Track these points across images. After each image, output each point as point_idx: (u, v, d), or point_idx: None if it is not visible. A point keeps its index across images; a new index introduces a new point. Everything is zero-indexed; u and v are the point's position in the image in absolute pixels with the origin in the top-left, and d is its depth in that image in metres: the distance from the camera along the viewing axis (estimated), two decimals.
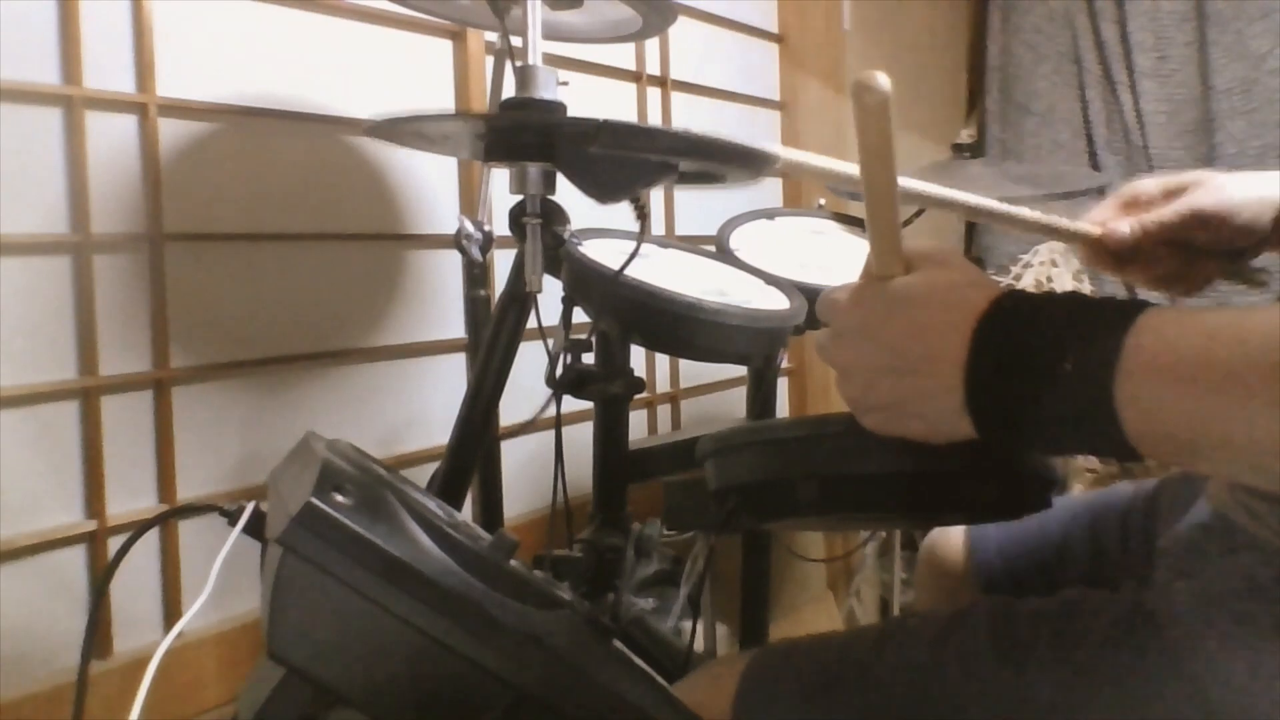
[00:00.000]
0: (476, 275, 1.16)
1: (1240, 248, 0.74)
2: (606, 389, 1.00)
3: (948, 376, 0.48)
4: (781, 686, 0.64)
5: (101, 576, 1.00)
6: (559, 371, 0.97)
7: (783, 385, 2.01)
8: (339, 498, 0.48)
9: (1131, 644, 0.57)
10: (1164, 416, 0.43)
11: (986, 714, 0.58)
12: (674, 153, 0.81)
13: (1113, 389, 0.43)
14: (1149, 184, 0.75)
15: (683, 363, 1.77)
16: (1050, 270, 2.12)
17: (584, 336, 1.00)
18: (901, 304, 0.50)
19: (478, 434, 1.03)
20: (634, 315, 0.93)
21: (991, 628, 0.61)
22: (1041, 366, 0.45)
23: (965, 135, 1.51)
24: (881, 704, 0.61)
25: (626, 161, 0.80)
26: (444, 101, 1.36)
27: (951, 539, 0.91)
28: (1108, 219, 0.75)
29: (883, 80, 0.46)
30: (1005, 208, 0.72)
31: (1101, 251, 0.76)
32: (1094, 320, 0.46)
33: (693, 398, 1.80)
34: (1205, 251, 0.75)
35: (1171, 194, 0.74)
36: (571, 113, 0.93)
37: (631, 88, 1.67)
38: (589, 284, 0.94)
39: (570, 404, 0.98)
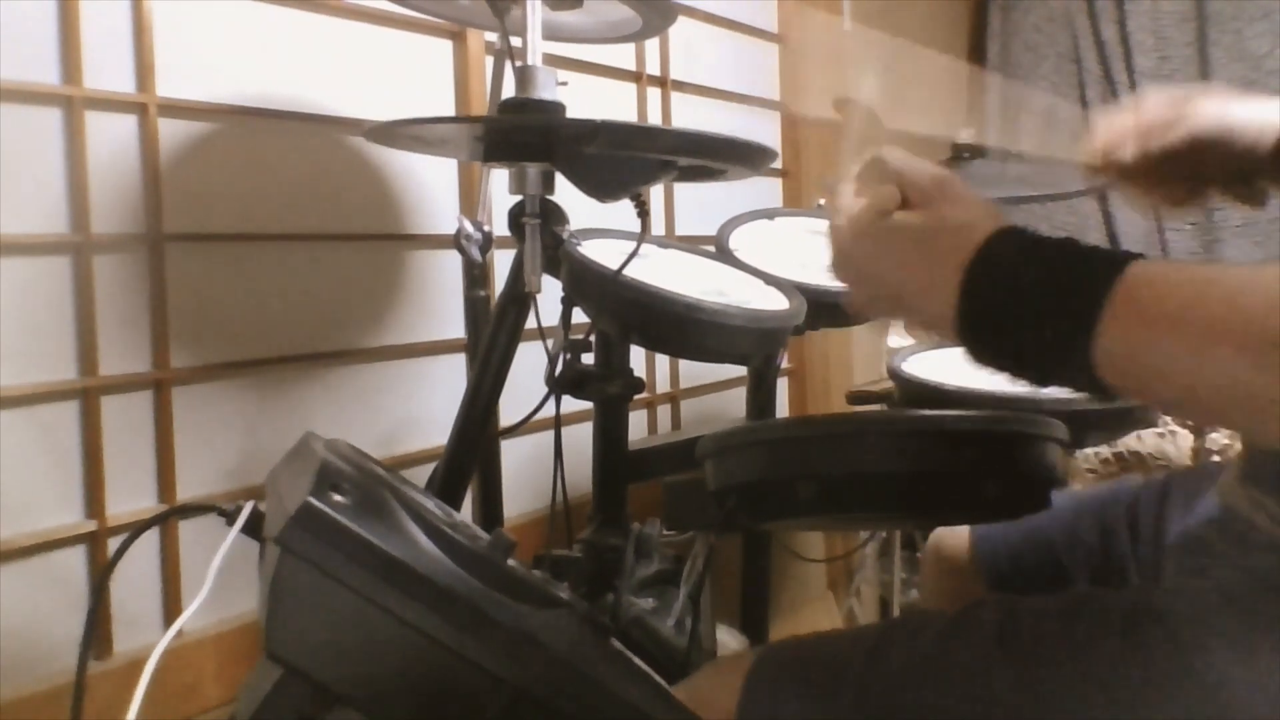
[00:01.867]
0: (476, 275, 1.16)
1: (1240, 168, 0.74)
2: (606, 389, 1.00)
3: (940, 313, 0.51)
4: (787, 685, 0.64)
5: (100, 575, 1.00)
6: (559, 371, 0.97)
7: (783, 385, 2.01)
8: (337, 497, 0.48)
9: (1139, 643, 0.57)
10: (1138, 359, 0.46)
11: (993, 712, 0.58)
12: (672, 152, 0.81)
13: (1095, 328, 0.46)
14: (1156, 103, 0.75)
15: (682, 363, 1.77)
16: None
17: (583, 336, 1.00)
18: (894, 242, 0.54)
19: (477, 434, 1.03)
20: (633, 315, 0.93)
21: (998, 625, 0.61)
22: (1033, 296, 0.48)
23: (965, 135, 1.51)
24: (887, 702, 0.61)
25: (625, 161, 0.80)
26: (444, 102, 1.36)
27: (957, 536, 0.91)
28: (1111, 140, 0.75)
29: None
30: (1006, 142, 0.73)
31: (1103, 170, 0.76)
32: (1086, 262, 0.48)
33: (693, 398, 1.80)
34: (1205, 169, 0.75)
35: (1174, 114, 0.74)
36: (571, 113, 0.93)
37: (631, 88, 1.67)
38: (588, 284, 0.94)
39: (570, 404, 0.98)
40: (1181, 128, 0.73)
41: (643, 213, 0.90)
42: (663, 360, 1.71)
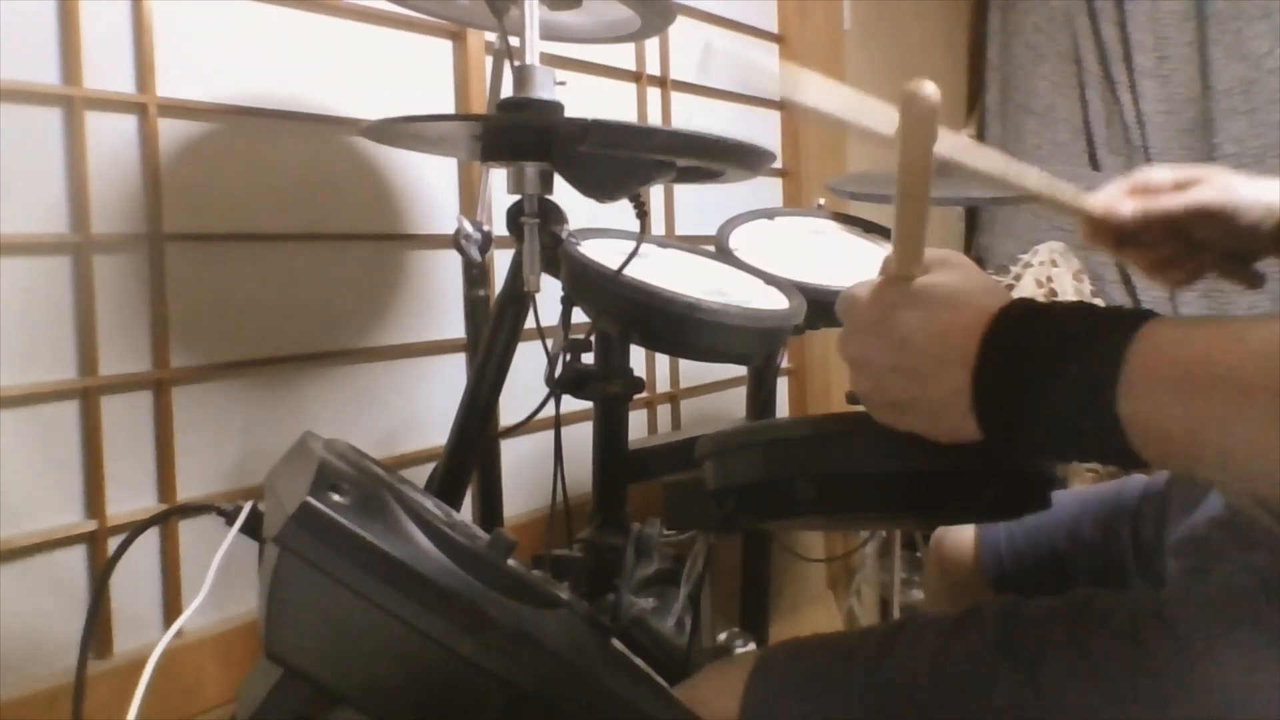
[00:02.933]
0: (475, 275, 1.16)
1: (1241, 248, 0.74)
2: (605, 389, 1.00)
3: (956, 379, 0.49)
4: (789, 687, 0.64)
5: (100, 575, 1.00)
6: (558, 371, 0.97)
7: (782, 385, 2.01)
8: (336, 497, 0.48)
9: (1142, 644, 0.57)
10: (1165, 424, 0.44)
11: (996, 714, 0.58)
12: (666, 151, 0.81)
13: (1115, 396, 0.44)
14: (1162, 173, 0.75)
15: (682, 363, 1.77)
16: (1050, 270, 2.12)
17: (583, 336, 1.00)
18: (916, 305, 0.51)
19: (476, 434, 1.03)
20: (633, 315, 0.93)
21: (1000, 627, 0.61)
22: (1046, 373, 0.46)
23: (965, 135, 1.51)
24: (890, 704, 0.61)
25: (621, 161, 0.80)
26: (444, 102, 1.36)
27: (960, 537, 0.91)
28: (1114, 201, 0.75)
29: (931, 90, 0.47)
30: (1012, 173, 0.72)
31: (1102, 230, 0.76)
32: (1099, 328, 0.46)
33: (692, 398, 1.80)
34: (1205, 246, 0.75)
35: (1182, 186, 0.74)
36: (570, 113, 0.93)
37: (631, 88, 1.67)
38: (588, 284, 0.94)
39: (570, 404, 0.98)
40: (1184, 197, 0.73)
41: (641, 213, 0.90)
42: (663, 360, 1.71)
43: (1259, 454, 0.42)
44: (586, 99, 1.53)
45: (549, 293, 0.96)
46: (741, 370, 1.56)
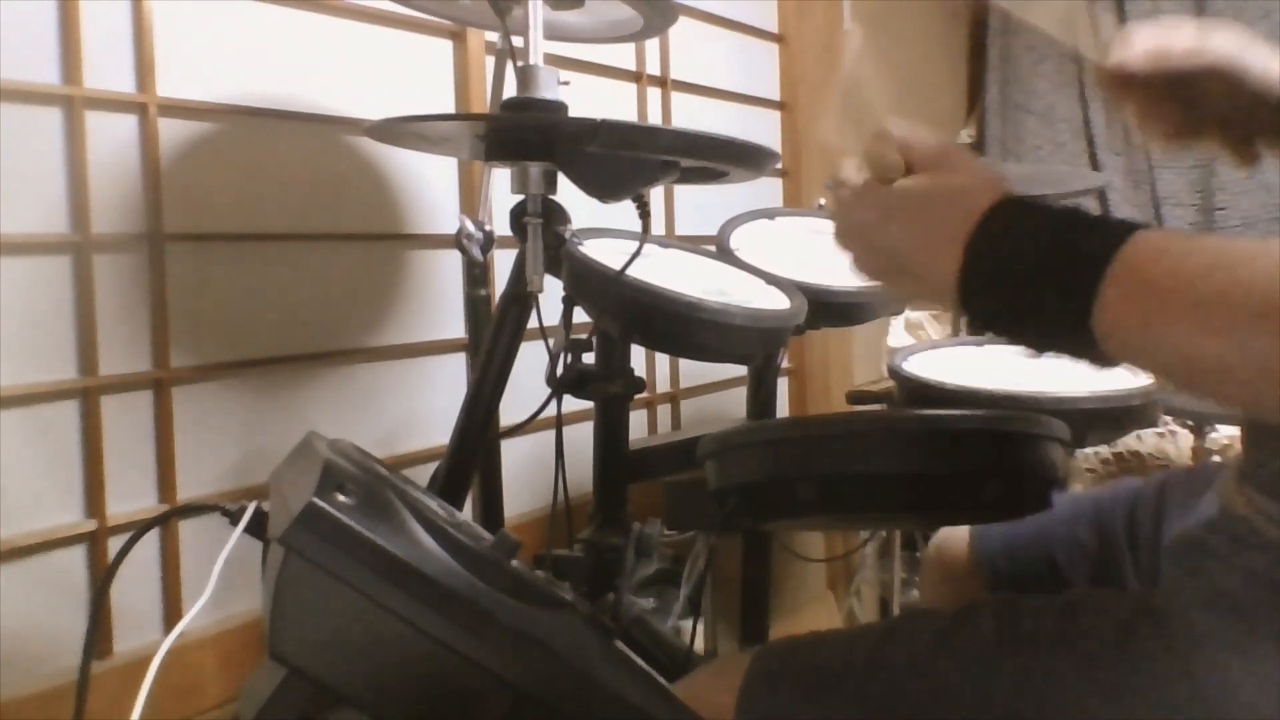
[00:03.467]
0: (477, 275, 1.16)
1: (1242, 117, 0.73)
2: (607, 389, 1.00)
3: (942, 282, 0.51)
4: (786, 683, 0.64)
5: (103, 577, 1.00)
6: (559, 371, 0.97)
7: (783, 385, 2.01)
8: (341, 498, 0.48)
9: (1137, 643, 0.57)
10: (1140, 329, 0.45)
11: (991, 711, 0.58)
12: (673, 151, 0.81)
13: (1094, 297, 0.46)
14: (1181, 37, 0.74)
15: (683, 363, 1.77)
16: None
17: (584, 336, 1.00)
18: (898, 211, 0.53)
19: (478, 434, 1.03)
20: (635, 315, 0.93)
21: (997, 625, 0.61)
22: (1034, 263, 0.48)
23: (965, 135, 1.51)
24: (886, 701, 0.61)
25: (626, 161, 0.80)
26: (444, 102, 1.36)
27: (957, 537, 0.91)
28: (1124, 58, 0.74)
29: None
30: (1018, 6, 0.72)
31: (1109, 76, 0.76)
32: (1090, 230, 0.48)
33: (693, 398, 1.80)
34: (1207, 106, 0.74)
35: (1192, 48, 0.74)
36: (572, 113, 0.93)
37: (632, 88, 1.67)
38: (590, 284, 0.94)
39: (570, 404, 0.98)
40: (1199, 56, 0.72)
41: (644, 213, 0.89)
42: (663, 360, 1.71)
43: (1225, 371, 0.43)
44: (586, 99, 1.53)
45: (550, 292, 0.96)
46: (741, 370, 1.56)
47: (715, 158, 0.85)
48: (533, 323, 1.00)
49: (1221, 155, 0.78)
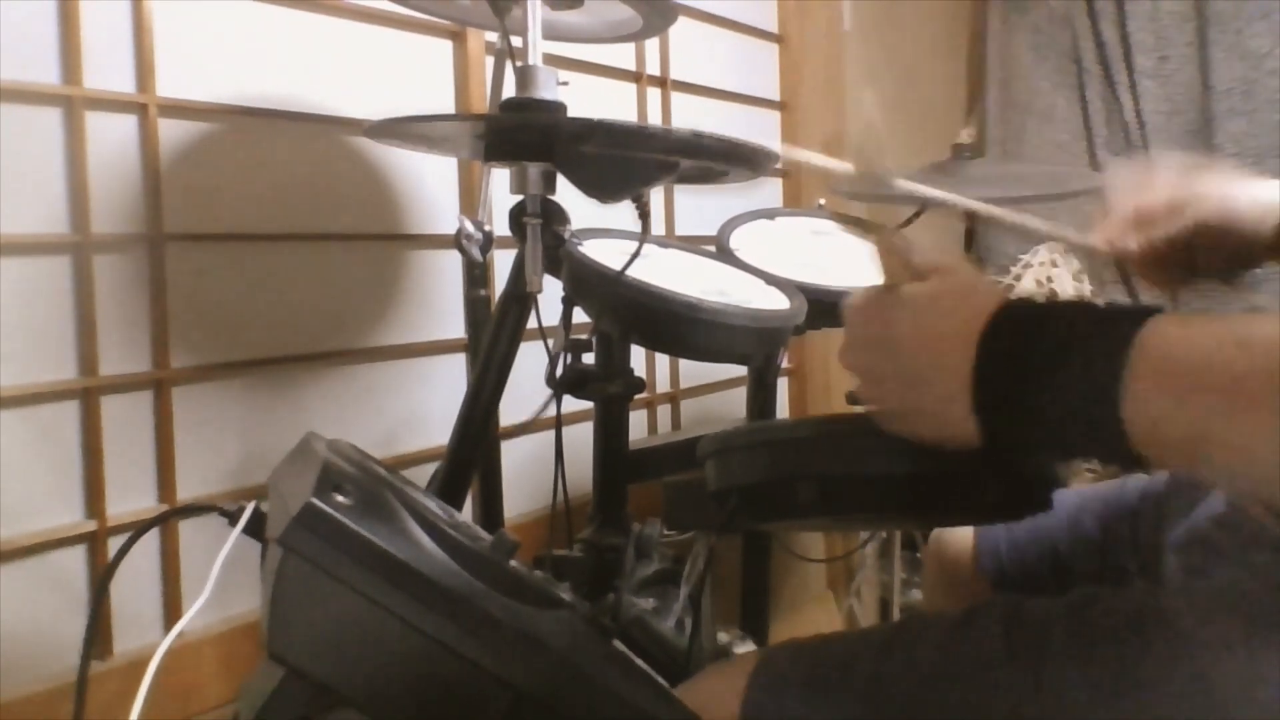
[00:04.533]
0: (477, 275, 1.16)
1: (1241, 254, 0.74)
2: (606, 389, 1.00)
3: (954, 385, 0.49)
4: (791, 686, 0.64)
5: (102, 577, 1.00)
6: (559, 371, 0.97)
7: (783, 385, 2.01)
8: (339, 498, 0.48)
9: (1144, 642, 0.57)
10: (1168, 423, 0.44)
11: (998, 713, 0.58)
12: (669, 152, 0.81)
13: (1118, 394, 0.44)
14: (1155, 195, 0.75)
15: (683, 363, 1.77)
16: (1050, 270, 2.12)
17: (584, 336, 1.00)
18: (908, 313, 0.52)
19: (478, 434, 1.03)
20: (634, 315, 0.93)
21: (1003, 627, 0.61)
22: (1047, 374, 0.46)
23: (965, 135, 1.51)
24: (893, 704, 0.61)
25: (625, 161, 0.80)
26: (444, 101, 1.36)
27: (959, 537, 0.91)
28: (1115, 233, 0.76)
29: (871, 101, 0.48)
30: (1017, 217, 0.73)
31: (1110, 261, 0.77)
32: (1100, 327, 0.46)
33: (693, 398, 1.80)
34: (1207, 257, 0.75)
35: (1176, 207, 0.74)
36: (572, 113, 0.93)
37: (631, 88, 1.67)
38: (589, 284, 0.94)
39: (570, 404, 0.98)
40: (1184, 215, 0.73)
41: (644, 213, 0.89)
42: (663, 360, 1.71)
43: (1261, 457, 0.42)
44: (586, 99, 1.53)
45: (550, 293, 0.96)
46: (741, 370, 1.56)
47: (713, 158, 0.85)
48: (532, 323, 1.00)
49: (1228, 289, 0.78)
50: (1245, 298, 0.79)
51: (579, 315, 0.99)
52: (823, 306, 1.08)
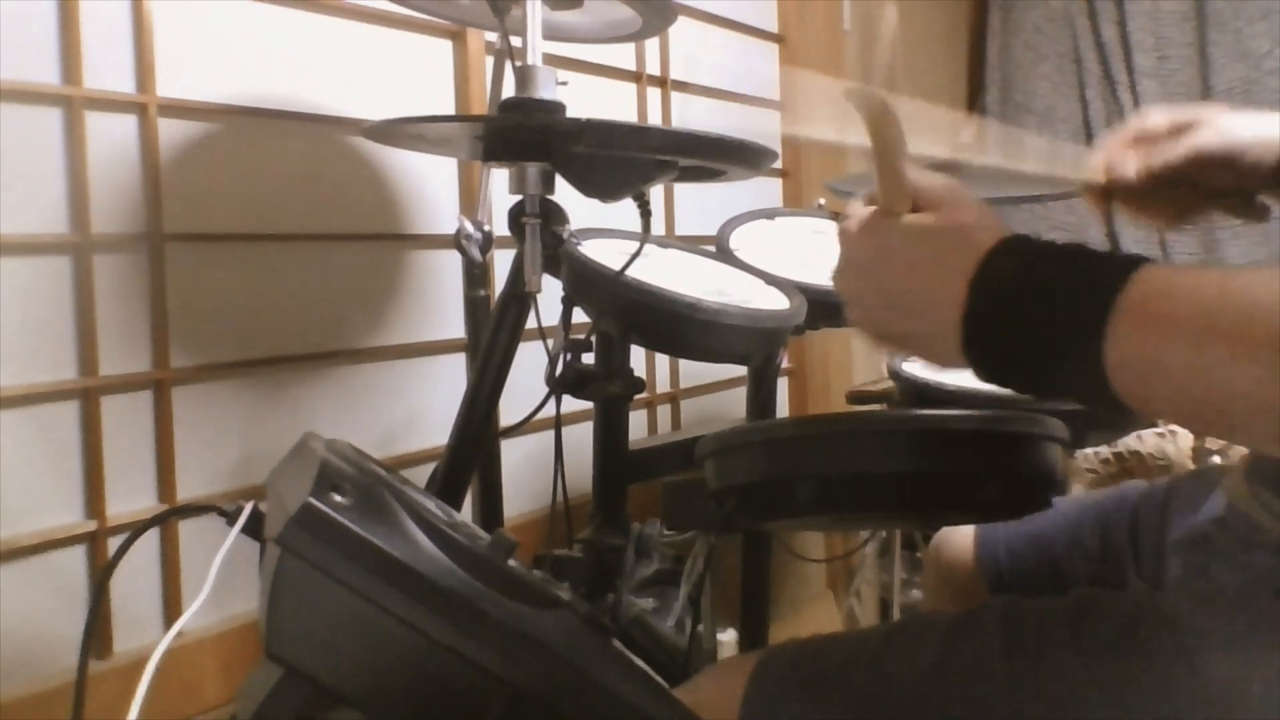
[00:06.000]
0: (476, 275, 1.16)
1: (1243, 187, 0.74)
2: (606, 389, 1.00)
3: (945, 321, 0.49)
4: (790, 687, 0.64)
5: (100, 575, 1.00)
6: (559, 371, 0.97)
7: (783, 385, 2.01)
8: (337, 498, 0.48)
9: (1143, 644, 0.57)
10: (1150, 369, 0.44)
11: (997, 714, 0.58)
12: (664, 150, 0.81)
13: (1102, 343, 0.44)
14: (1157, 119, 0.74)
15: (683, 363, 1.77)
16: None
17: (584, 336, 1.00)
18: (903, 244, 0.52)
19: (477, 434, 1.03)
20: (634, 315, 0.93)
21: (1002, 628, 0.61)
22: (1035, 316, 0.47)
23: (965, 135, 1.51)
24: (892, 704, 0.61)
25: (620, 160, 0.80)
26: (444, 102, 1.36)
27: (959, 538, 0.91)
28: (1114, 156, 0.74)
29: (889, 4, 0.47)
30: (1010, 164, 0.72)
31: (1106, 193, 0.76)
32: (1092, 271, 0.47)
33: (693, 398, 1.80)
34: (1206, 187, 0.74)
35: (1177, 130, 0.73)
36: (571, 113, 0.93)
37: (631, 88, 1.67)
38: (589, 284, 0.94)
39: (570, 404, 0.98)
40: (1184, 144, 0.72)
41: (645, 213, 0.89)
42: (663, 360, 1.71)
43: (1241, 406, 0.42)
44: (587, 99, 1.53)
45: (549, 293, 0.96)
46: (741, 370, 1.56)
47: (706, 156, 0.85)
48: (532, 323, 1.00)
49: (1228, 220, 0.77)
50: (1243, 224, 0.77)
51: (579, 315, 0.99)
52: (823, 306, 1.08)
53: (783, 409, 1.99)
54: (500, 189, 1.04)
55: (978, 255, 0.49)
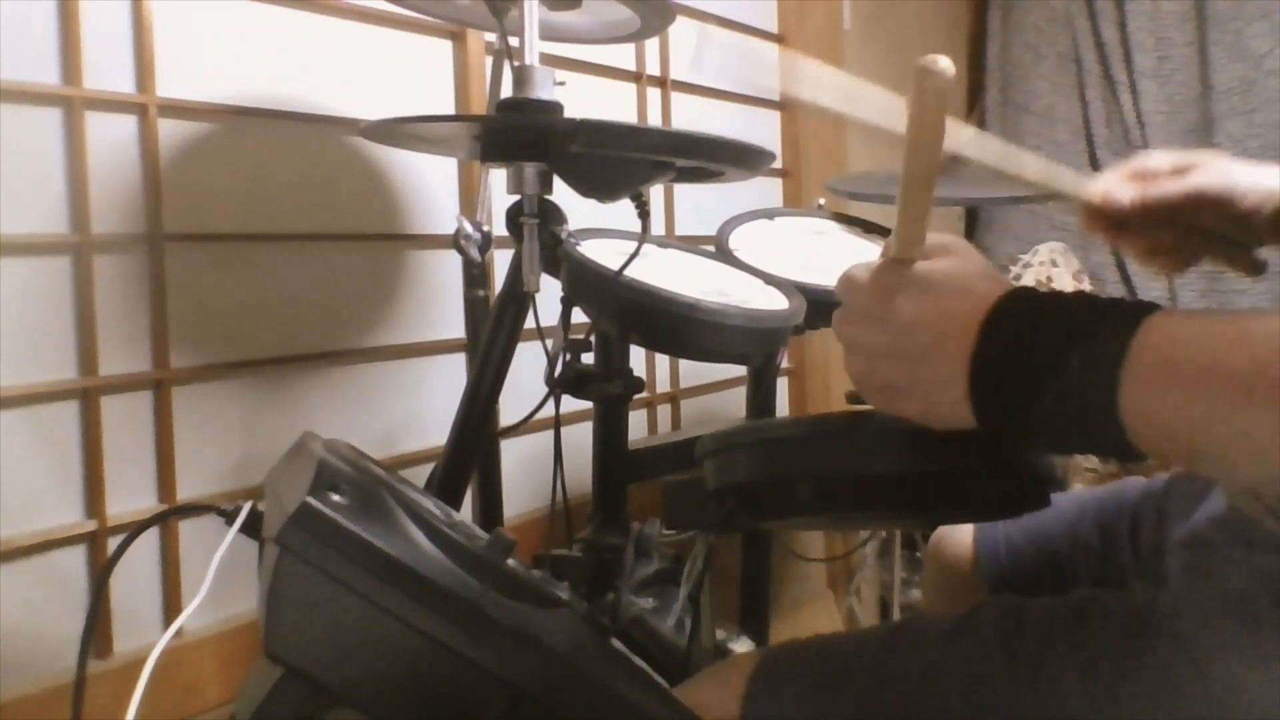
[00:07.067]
0: (475, 275, 1.16)
1: (1240, 235, 0.74)
2: (606, 389, 1.00)
3: (952, 368, 0.48)
4: (790, 687, 0.64)
5: (100, 575, 1.00)
6: (558, 371, 0.97)
7: (782, 385, 2.01)
8: (335, 497, 0.48)
9: (1145, 645, 0.57)
10: (1167, 418, 0.43)
11: (997, 715, 0.58)
12: (660, 150, 0.81)
13: (1117, 390, 0.44)
14: (1159, 158, 0.75)
15: (683, 363, 1.77)
16: (1050, 270, 2.12)
17: (583, 336, 1.00)
18: (915, 290, 0.51)
19: (476, 433, 1.03)
20: (633, 315, 0.93)
21: (1002, 628, 0.61)
22: (1046, 365, 0.46)
23: (966, 135, 1.51)
24: (891, 704, 0.61)
25: (617, 161, 0.80)
26: (444, 102, 1.36)
27: (958, 537, 0.91)
28: (1112, 187, 0.75)
29: (946, 65, 0.45)
30: (1011, 163, 0.72)
31: (1100, 217, 0.76)
32: (1101, 320, 0.46)
33: (692, 398, 1.80)
34: (1202, 233, 0.75)
35: (1179, 171, 0.74)
36: (570, 113, 0.93)
37: (631, 88, 1.67)
38: (588, 284, 0.94)
39: (570, 404, 0.98)
40: (1185, 181, 0.72)
41: (644, 213, 0.89)
42: (663, 360, 1.71)
43: (1260, 451, 0.41)
44: (587, 99, 1.53)
45: (549, 293, 0.96)
46: (741, 370, 1.56)
47: (703, 157, 0.85)
48: (531, 323, 1.00)
49: (1228, 272, 0.77)
50: (1239, 276, 0.78)
51: (578, 315, 0.99)
52: (823, 306, 1.08)
53: (783, 409, 1.98)
54: (499, 189, 1.04)
55: (986, 303, 0.48)
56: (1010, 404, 0.47)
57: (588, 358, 1.00)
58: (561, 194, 0.93)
